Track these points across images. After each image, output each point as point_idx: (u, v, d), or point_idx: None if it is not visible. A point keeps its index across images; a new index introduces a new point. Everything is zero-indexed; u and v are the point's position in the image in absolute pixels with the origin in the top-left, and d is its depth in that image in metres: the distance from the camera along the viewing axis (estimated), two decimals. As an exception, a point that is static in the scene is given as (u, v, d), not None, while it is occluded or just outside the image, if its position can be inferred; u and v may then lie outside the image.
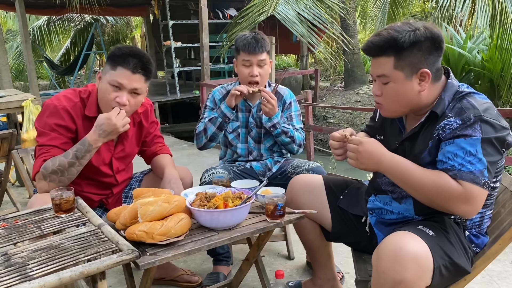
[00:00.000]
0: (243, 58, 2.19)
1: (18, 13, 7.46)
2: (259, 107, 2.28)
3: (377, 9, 9.62)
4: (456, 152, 1.31)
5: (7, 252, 1.22)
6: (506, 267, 2.32)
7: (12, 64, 12.84)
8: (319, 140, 8.30)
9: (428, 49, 1.36)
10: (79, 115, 1.82)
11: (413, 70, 1.37)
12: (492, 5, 5.88)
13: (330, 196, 1.78)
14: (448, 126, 1.35)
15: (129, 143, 1.99)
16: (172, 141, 6.58)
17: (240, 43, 2.20)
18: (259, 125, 2.29)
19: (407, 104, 1.43)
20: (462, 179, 1.29)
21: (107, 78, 1.77)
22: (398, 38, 1.35)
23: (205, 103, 2.36)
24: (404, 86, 1.39)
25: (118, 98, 1.76)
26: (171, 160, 2.10)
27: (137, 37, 17.73)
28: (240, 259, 2.24)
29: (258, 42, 2.17)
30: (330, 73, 12.57)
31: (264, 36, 2.22)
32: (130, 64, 1.75)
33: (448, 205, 1.32)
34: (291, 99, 2.34)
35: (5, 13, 14.76)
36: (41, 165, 1.72)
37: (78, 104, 1.83)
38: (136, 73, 1.76)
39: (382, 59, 1.40)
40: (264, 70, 2.21)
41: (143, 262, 1.32)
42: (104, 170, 1.92)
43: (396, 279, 1.22)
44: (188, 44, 9.38)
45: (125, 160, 2.02)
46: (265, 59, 2.20)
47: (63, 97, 1.83)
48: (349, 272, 2.31)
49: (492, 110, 1.35)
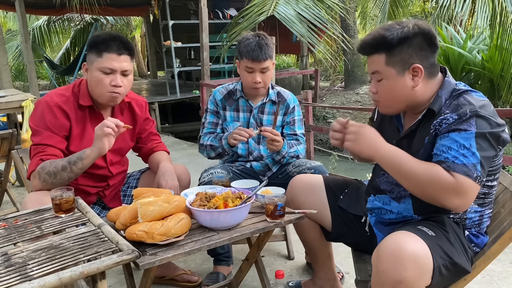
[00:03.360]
0: (246, 64, 2.14)
1: (18, 13, 7.47)
2: (260, 108, 2.29)
3: (377, 9, 9.62)
4: (450, 145, 1.32)
5: (7, 252, 1.22)
6: (506, 267, 2.32)
7: (12, 64, 12.85)
8: (319, 140, 8.31)
9: (418, 45, 1.39)
10: (72, 108, 1.86)
11: (404, 66, 1.40)
12: (492, 5, 5.88)
13: (330, 196, 1.79)
14: (444, 121, 1.36)
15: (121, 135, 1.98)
16: (172, 141, 6.59)
17: (243, 48, 2.13)
18: (259, 125, 2.28)
19: (402, 100, 1.46)
20: (454, 171, 1.29)
21: (96, 66, 1.81)
22: (386, 36, 1.39)
23: (207, 106, 2.35)
24: (397, 82, 1.42)
25: (113, 82, 1.82)
26: (168, 156, 2.14)
27: (137, 37, 17.72)
28: (240, 259, 2.24)
29: (262, 49, 2.10)
30: (330, 73, 12.57)
31: (268, 40, 2.16)
32: (114, 48, 1.81)
33: (439, 196, 1.32)
34: (295, 104, 2.32)
35: (5, 13, 14.78)
36: (38, 164, 1.74)
37: (70, 98, 1.87)
38: (122, 54, 1.83)
39: (374, 57, 1.44)
40: (266, 76, 2.18)
41: (143, 262, 1.32)
42: (96, 162, 1.91)
43: (396, 279, 1.22)
44: (188, 44, 9.39)
45: (119, 152, 2.04)
46: (268, 66, 2.15)
47: (54, 94, 1.87)
48: (349, 272, 2.31)
49: (489, 107, 1.36)
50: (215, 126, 2.32)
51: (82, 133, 1.89)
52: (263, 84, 2.18)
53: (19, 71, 13.26)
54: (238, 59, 2.22)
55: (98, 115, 1.92)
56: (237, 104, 2.30)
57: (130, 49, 1.86)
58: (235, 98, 2.30)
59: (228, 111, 2.31)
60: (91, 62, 1.83)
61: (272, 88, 2.32)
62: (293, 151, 2.20)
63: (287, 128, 2.30)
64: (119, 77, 1.83)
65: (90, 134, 1.88)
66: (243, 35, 2.21)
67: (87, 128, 1.90)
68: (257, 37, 2.13)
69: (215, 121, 2.32)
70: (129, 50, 1.85)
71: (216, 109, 2.31)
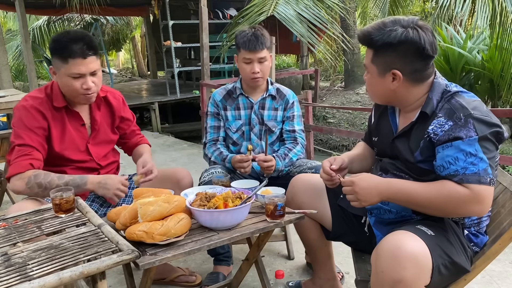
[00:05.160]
0: (244, 56, 2.20)
1: (18, 13, 7.47)
2: (260, 103, 2.31)
3: (377, 9, 9.61)
4: (456, 156, 1.31)
5: (7, 252, 1.22)
6: (506, 267, 2.32)
7: (12, 64, 12.84)
8: (319, 140, 8.30)
9: (403, 52, 1.38)
10: (48, 109, 1.86)
11: (385, 69, 1.42)
12: (492, 5, 5.87)
13: (331, 195, 1.79)
14: (439, 128, 1.35)
15: (101, 128, 2.02)
16: (172, 141, 6.58)
17: (240, 40, 2.20)
18: (261, 121, 2.31)
19: (382, 96, 1.51)
20: (468, 182, 1.29)
21: (64, 72, 1.80)
22: (373, 36, 1.40)
23: (207, 109, 2.37)
24: (377, 80, 1.46)
25: (84, 85, 1.81)
26: (149, 149, 2.20)
27: (137, 37, 17.73)
28: (240, 259, 2.24)
29: (258, 39, 2.17)
30: (330, 73, 12.57)
31: (264, 32, 2.22)
32: (78, 52, 1.76)
33: (460, 210, 1.33)
34: (294, 99, 2.36)
35: (5, 13, 14.76)
36: (28, 167, 1.74)
37: (44, 99, 1.87)
38: (87, 57, 1.79)
39: (367, 49, 1.48)
40: (264, 66, 2.22)
41: (143, 262, 1.32)
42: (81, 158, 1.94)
43: (395, 278, 1.22)
44: (188, 44, 9.38)
45: (104, 146, 2.04)
46: (265, 56, 2.21)
47: (29, 97, 1.88)
48: (349, 272, 2.31)
49: (481, 107, 1.36)
50: (217, 130, 2.33)
51: (62, 134, 1.90)
52: (261, 74, 2.22)
53: (19, 71, 13.24)
54: (237, 53, 2.26)
55: (74, 114, 1.93)
56: (237, 103, 2.32)
57: (94, 48, 1.81)
58: (235, 96, 2.32)
59: (229, 111, 2.32)
60: (58, 67, 1.81)
61: (271, 84, 2.35)
62: (288, 161, 2.23)
63: (286, 123, 2.32)
64: (89, 78, 1.81)
65: (71, 134, 1.91)
66: (240, 29, 2.27)
67: (67, 128, 1.91)
68: (253, 29, 2.21)
69: (216, 124, 2.33)
70: (93, 50, 1.81)
71: (216, 110, 2.33)
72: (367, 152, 1.78)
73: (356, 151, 1.80)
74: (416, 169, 1.45)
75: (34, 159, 1.78)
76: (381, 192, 1.40)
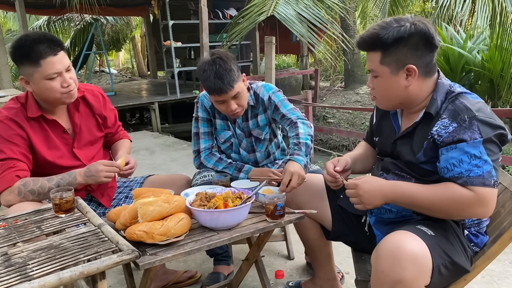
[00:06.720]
0: (215, 99, 1.96)
1: (18, 13, 7.47)
2: (243, 117, 2.14)
3: (377, 9, 9.61)
4: (461, 158, 1.31)
5: (7, 252, 1.22)
6: (506, 267, 2.32)
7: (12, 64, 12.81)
8: (319, 140, 8.30)
9: (414, 45, 1.38)
10: (24, 119, 1.81)
11: (399, 66, 1.40)
12: (492, 5, 5.87)
13: (331, 195, 1.79)
14: (443, 129, 1.35)
15: (84, 130, 1.97)
16: (172, 141, 6.58)
17: (204, 83, 1.92)
18: (247, 135, 2.18)
19: (396, 98, 1.46)
20: (472, 185, 1.29)
21: (39, 76, 1.73)
22: (382, 35, 1.38)
23: (197, 114, 2.18)
24: (390, 81, 1.42)
25: (64, 83, 1.77)
26: (128, 144, 2.20)
27: (137, 37, 17.73)
28: (240, 259, 2.24)
29: (223, 79, 1.86)
30: (330, 73, 12.58)
31: (227, 63, 1.88)
32: (47, 51, 1.71)
33: (465, 213, 1.33)
34: (268, 93, 2.10)
35: (5, 13, 14.78)
36: (14, 180, 1.70)
37: (20, 109, 1.82)
38: (57, 52, 1.74)
39: (371, 54, 1.44)
40: (241, 99, 1.97)
41: (143, 262, 1.32)
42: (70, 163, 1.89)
43: (395, 278, 1.22)
44: (188, 44, 9.38)
45: (91, 147, 2.00)
46: (238, 91, 1.93)
47: (3, 109, 1.83)
48: (349, 272, 2.31)
49: (485, 109, 1.35)
50: (211, 137, 2.20)
51: (46, 142, 1.85)
52: (241, 108, 2.00)
53: (19, 71, 13.23)
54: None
55: (53, 122, 1.87)
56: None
57: (60, 43, 1.76)
58: None
59: (218, 119, 2.19)
60: (30, 74, 1.74)
61: (249, 91, 2.12)
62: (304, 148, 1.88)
63: (276, 116, 2.10)
64: (66, 75, 1.77)
65: (54, 141, 1.87)
66: (198, 63, 1.99)
67: (49, 135, 1.86)
68: (213, 65, 1.88)
69: (209, 130, 2.19)
70: (60, 45, 1.76)
71: (208, 116, 2.18)
72: (369, 152, 1.78)
73: (358, 151, 1.79)
74: (418, 169, 1.45)
75: (20, 170, 1.73)
76: (385, 194, 1.40)
